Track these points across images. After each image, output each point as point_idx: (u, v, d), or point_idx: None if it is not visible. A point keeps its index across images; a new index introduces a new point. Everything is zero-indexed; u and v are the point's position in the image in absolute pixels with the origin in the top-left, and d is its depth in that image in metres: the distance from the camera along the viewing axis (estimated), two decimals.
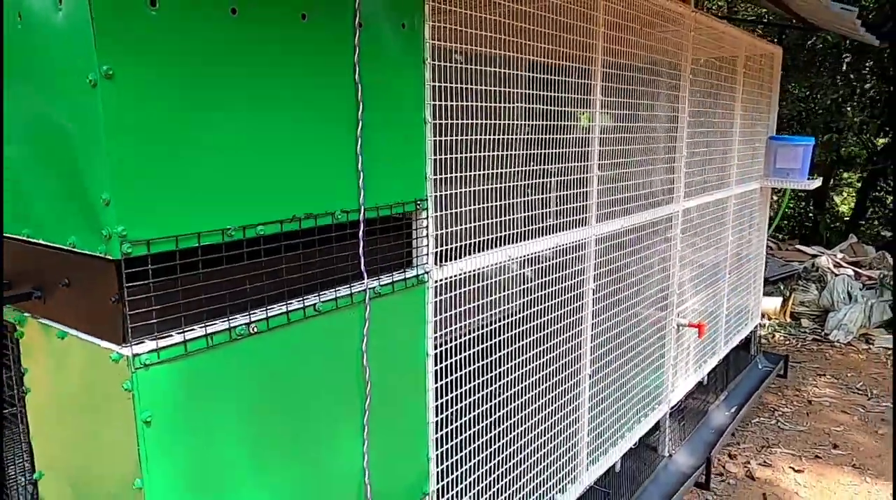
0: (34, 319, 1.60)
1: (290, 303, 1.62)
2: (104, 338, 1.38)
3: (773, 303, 7.58)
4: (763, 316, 7.48)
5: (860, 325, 7.00)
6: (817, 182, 5.29)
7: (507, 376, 2.44)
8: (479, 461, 2.34)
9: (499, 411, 2.42)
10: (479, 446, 2.32)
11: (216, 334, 1.45)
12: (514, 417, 2.52)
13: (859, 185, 11.19)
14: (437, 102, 1.95)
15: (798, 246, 8.85)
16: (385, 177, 1.82)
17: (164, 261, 1.36)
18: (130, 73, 1.26)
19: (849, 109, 8.25)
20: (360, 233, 1.75)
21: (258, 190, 1.51)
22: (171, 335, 1.38)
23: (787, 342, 6.97)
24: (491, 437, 2.39)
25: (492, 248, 2.28)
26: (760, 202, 5.30)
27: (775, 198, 8.24)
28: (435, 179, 1.98)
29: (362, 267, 1.77)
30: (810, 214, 11.04)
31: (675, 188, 3.70)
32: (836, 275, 7.77)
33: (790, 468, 4.51)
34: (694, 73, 3.70)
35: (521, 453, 2.58)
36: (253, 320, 1.52)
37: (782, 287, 7.92)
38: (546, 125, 2.48)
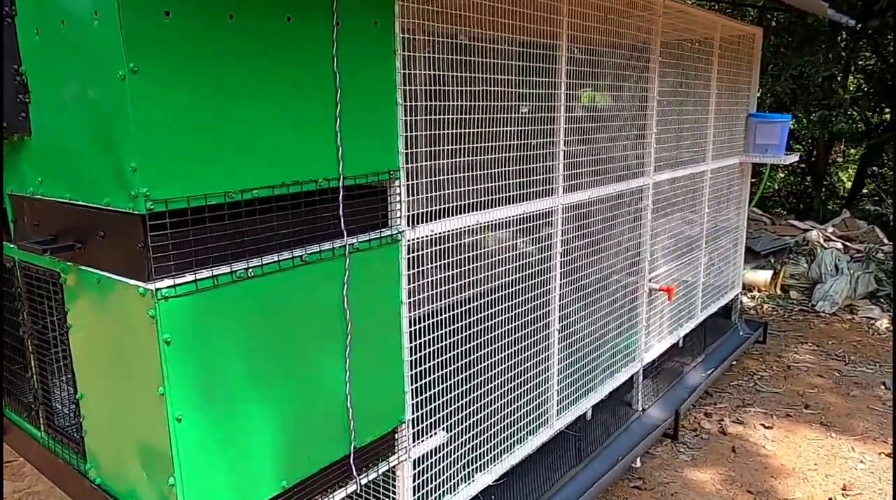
0: (75, 266, 1.99)
1: (282, 254, 1.98)
2: (133, 277, 1.76)
3: (764, 276, 7.87)
4: (753, 289, 7.79)
5: (846, 296, 7.29)
6: (794, 157, 5.57)
7: (478, 326, 2.80)
8: (452, 396, 2.71)
9: (472, 354, 2.79)
10: (452, 384, 2.70)
11: (220, 275, 1.82)
12: (487, 361, 2.89)
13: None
14: (407, 87, 2.30)
15: (791, 221, 9.10)
16: (362, 151, 2.18)
17: (180, 216, 1.72)
18: (151, 69, 1.62)
19: (840, 89, 8.46)
20: (340, 198, 2.11)
21: (253, 161, 1.87)
22: (185, 275, 1.76)
23: (775, 313, 7.28)
24: (464, 377, 2.76)
25: (462, 214, 2.64)
26: (740, 176, 5.59)
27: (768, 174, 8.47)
28: (406, 153, 2.34)
29: (342, 226, 2.13)
30: (809, 191, 11.26)
31: (645, 163, 4.02)
32: (826, 249, 8.04)
33: (761, 424, 4.86)
34: (664, 55, 3.99)
35: (493, 393, 2.96)
36: (250, 265, 1.89)
37: (773, 260, 8.20)
38: (511, 105, 2.82)
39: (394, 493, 2.62)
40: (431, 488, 2.70)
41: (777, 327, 6.77)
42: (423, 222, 2.46)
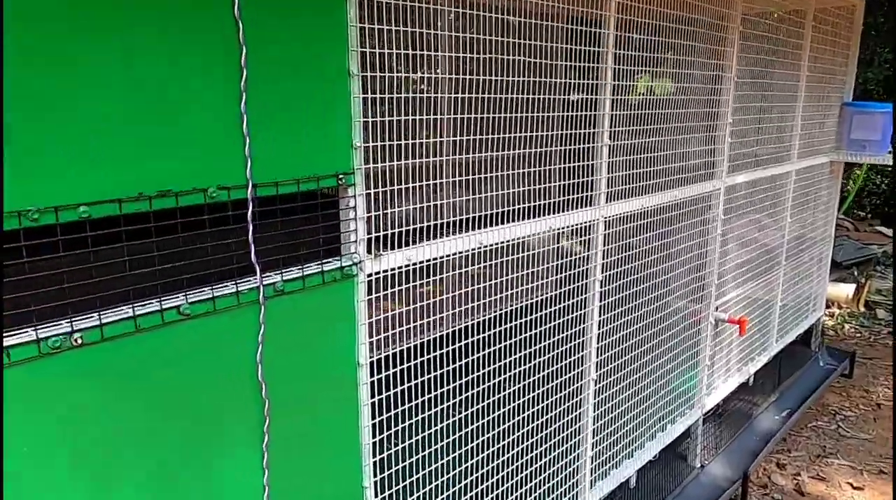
0: None
1: (144, 304, 1.26)
2: None
3: (846, 290, 6.82)
4: (833, 304, 6.76)
5: None
6: None
7: (477, 387, 2.04)
8: (438, 485, 1.96)
9: (467, 426, 2.03)
10: (437, 469, 1.95)
11: (15, 347, 1.11)
12: (489, 432, 2.13)
13: None
14: (368, 49, 1.54)
15: (878, 227, 7.97)
16: (288, 144, 1.43)
17: None
18: None
19: None
20: (249, 214, 1.37)
21: (80, 158, 1.14)
22: None
23: (858, 335, 6.26)
24: (455, 458, 2.01)
25: (455, 233, 1.87)
26: (830, 178, 4.63)
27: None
28: (365, 148, 1.58)
29: (253, 258, 1.40)
30: None
31: (716, 162, 3.15)
32: None
33: (847, 483, 3.96)
34: (746, 28, 3.12)
35: (497, 473, 2.19)
36: (78, 328, 1.17)
37: (857, 273, 7.14)
38: (534, 82, 2.02)
39: None
40: None
41: (862, 354, 5.75)
42: (393, 248, 1.71)
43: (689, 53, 2.76)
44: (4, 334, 1.10)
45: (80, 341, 1.17)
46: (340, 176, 1.54)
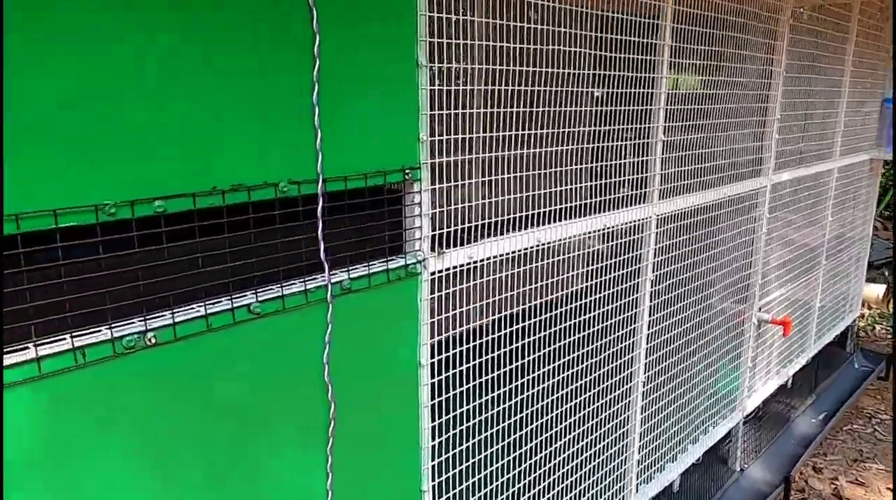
0: None
1: (214, 303, 1.22)
2: None
3: (876, 290, 6.70)
4: (863, 305, 6.64)
5: None
6: None
7: (532, 388, 1.99)
8: (493, 489, 1.91)
9: (521, 429, 1.98)
10: (493, 472, 1.89)
11: (91, 347, 1.06)
12: (543, 435, 2.07)
13: None
14: (437, 39, 1.48)
15: None
16: (356, 137, 1.38)
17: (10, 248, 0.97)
18: None
19: None
20: (319, 210, 1.32)
21: (152, 151, 1.10)
22: (23, 349, 1.01)
23: (889, 336, 6.14)
24: (510, 461, 1.95)
25: (513, 230, 1.81)
26: (870, 176, 4.53)
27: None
28: (432, 141, 1.53)
29: (321, 255, 1.35)
30: None
31: (763, 159, 3.08)
32: None
33: (888, 489, 3.87)
34: (796, 22, 3.03)
35: (549, 476, 2.14)
36: (151, 327, 1.13)
37: (887, 273, 7.00)
38: (594, 75, 1.96)
39: None
40: None
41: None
42: (455, 246, 1.65)
43: (741, 47, 2.68)
44: (80, 333, 1.06)
45: (153, 341, 1.13)
46: (407, 171, 1.49)
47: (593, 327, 2.18)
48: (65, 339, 1.04)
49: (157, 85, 1.08)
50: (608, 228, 2.15)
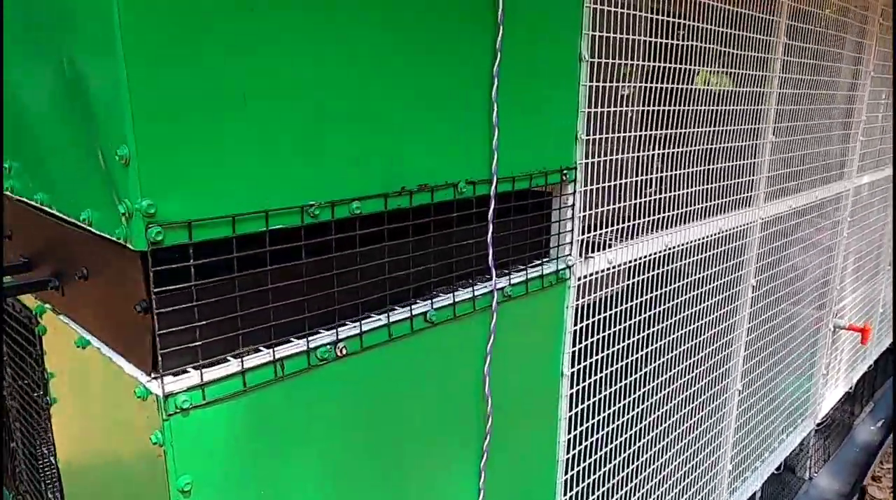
0: (55, 313, 1.19)
1: (394, 311, 1.14)
2: (130, 359, 0.95)
3: None
4: None
5: None
6: None
7: (651, 398, 1.91)
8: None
9: (637, 441, 1.90)
10: (617, 483, 1.82)
11: (288, 358, 0.99)
12: (654, 447, 2.00)
13: None
14: (600, 33, 1.40)
15: None
16: (523, 136, 1.30)
17: (214, 254, 0.89)
18: None
19: None
20: (491, 212, 1.25)
21: (348, 150, 1.02)
22: (225, 362, 0.93)
23: None
24: (627, 474, 1.88)
25: (646, 233, 1.73)
26: None
27: None
28: (587, 140, 1.45)
29: (490, 260, 1.27)
30: None
31: (847, 161, 2.99)
32: None
33: None
34: (884, 17, 2.95)
35: (658, 489, 2.06)
36: (342, 337, 1.05)
37: None
38: (734, 75, 1.88)
39: None
40: None
41: None
42: (597, 250, 1.57)
43: (837, 45, 2.60)
44: (281, 346, 0.99)
45: (343, 352, 1.05)
46: (564, 171, 1.41)
47: (703, 335, 2.10)
48: (265, 351, 0.97)
49: (358, 80, 1.00)
50: (723, 231, 2.07)
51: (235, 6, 0.85)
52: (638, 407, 1.86)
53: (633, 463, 1.88)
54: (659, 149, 1.72)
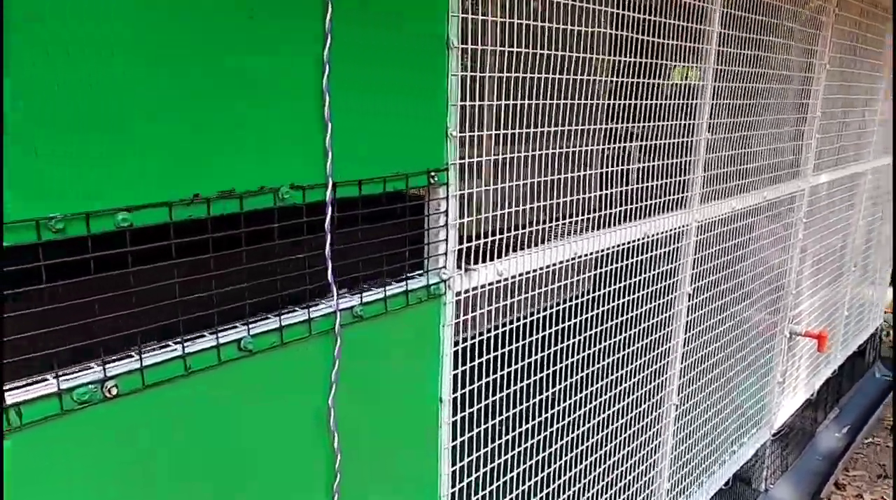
0: None
1: (192, 340, 0.97)
2: None
3: (888, 295, 6.50)
4: None
5: None
6: None
7: (561, 420, 1.75)
8: None
9: (546, 468, 1.73)
10: None
11: (28, 403, 0.81)
12: (568, 473, 1.83)
13: None
14: (471, 15, 1.23)
15: None
16: (371, 133, 1.13)
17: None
18: None
19: None
20: (328, 222, 1.07)
21: (124, 153, 0.84)
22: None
23: None
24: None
25: (546, 241, 1.57)
26: None
27: None
28: (461, 138, 1.28)
29: (329, 276, 1.10)
30: None
31: (802, 160, 2.83)
32: None
33: None
34: (842, 10, 2.79)
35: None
36: (111, 375, 0.88)
37: None
38: (638, 63, 1.71)
39: None
40: None
41: None
42: (483, 261, 1.40)
43: (786, 36, 2.43)
44: (10, 388, 0.81)
45: (114, 392, 0.88)
46: (433, 173, 1.23)
47: (629, 347, 1.94)
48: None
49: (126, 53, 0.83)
50: (648, 236, 1.91)
51: None
52: (545, 431, 1.70)
53: (539, 493, 1.72)
54: (562, 147, 1.55)
